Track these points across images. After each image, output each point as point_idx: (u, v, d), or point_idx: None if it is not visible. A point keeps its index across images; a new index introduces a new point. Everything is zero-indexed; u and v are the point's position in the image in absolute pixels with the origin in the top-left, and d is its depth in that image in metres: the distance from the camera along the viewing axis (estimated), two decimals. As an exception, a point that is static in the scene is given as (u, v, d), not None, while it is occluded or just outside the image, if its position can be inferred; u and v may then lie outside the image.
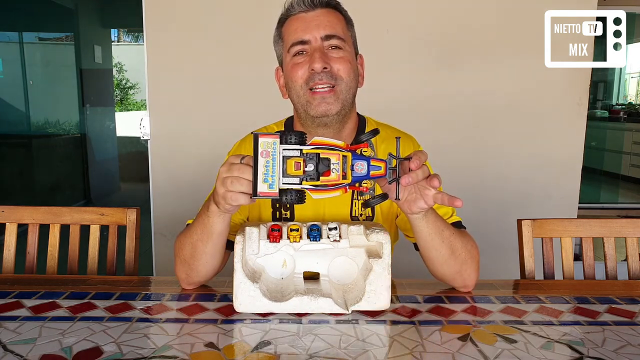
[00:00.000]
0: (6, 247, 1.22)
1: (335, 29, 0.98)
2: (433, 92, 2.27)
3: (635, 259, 1.21)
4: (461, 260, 0.94)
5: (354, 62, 1.01)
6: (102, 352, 0.73)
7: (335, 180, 0.75)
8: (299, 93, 0.99)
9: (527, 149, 2.31)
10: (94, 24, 5.33)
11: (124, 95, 9.91)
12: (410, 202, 0.83)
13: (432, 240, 0.91)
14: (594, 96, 6.08)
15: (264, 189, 0.73)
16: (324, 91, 0.96)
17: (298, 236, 0.88)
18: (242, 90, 2.21)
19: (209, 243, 0.91)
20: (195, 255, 0.94)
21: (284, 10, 1.01)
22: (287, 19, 1.01)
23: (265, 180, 0.73)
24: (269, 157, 0.73)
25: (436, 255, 0.93)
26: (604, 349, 0.76)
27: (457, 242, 0.93)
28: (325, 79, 0.96)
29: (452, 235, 0.92)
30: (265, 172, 0.73)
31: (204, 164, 2.13)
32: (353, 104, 1.04)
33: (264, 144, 0.73)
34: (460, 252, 0.94)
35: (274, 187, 0.73)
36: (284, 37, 1.01)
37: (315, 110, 0.98)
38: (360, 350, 0.74)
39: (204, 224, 0.90)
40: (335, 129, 1.02)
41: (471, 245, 0.97)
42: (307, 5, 0.98)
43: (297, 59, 0.98)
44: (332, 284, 0.91)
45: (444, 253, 0.92)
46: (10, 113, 4.55)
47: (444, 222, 0.93)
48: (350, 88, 0.99)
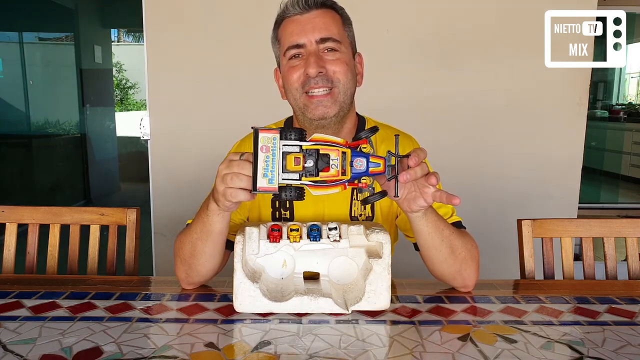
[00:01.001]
0: (6, 247, 1.22)
1: (330, 30, 0.97)
2: (433, 92, 2.27)
3: (635, 259, 1.21)
4: (461, 260, 0.94)
5: (351, 63, 1.01)
6: (102, 352, 0.73)
7: (334, 176, 0.75)
8: (295, 96, 0.99)
9: (527, 149, 2.31)
10: (94, 24, 5.33)
11: (124, 95, 9.91)
12: (410, 200, 0.83)
13: (432, 240, 0.91)
14: (594, 96, 6.08)
15: (264, 184, 0.73)
16: (320, 95, 0.97)
17: (298, 236, 0.88)
18: (242, 90, 2.21)
19: (208, 242, 0.91)
20: (194, 254, 0.93)
21: (280, 12, 1.01)
22: (282, 21, 1.01)
23: (264, 175, 0.72)
24: (269, 152, 0.73)
25: (436, 255, 0.93)
26: (604, 349, 0.76)
27: (457, 241, 0.93)
28: (321, 82, 0.96)
29: (452, 234, 0.92)
30: (265, 167, 0.73)
31: (204, 164, 2.13)
32: (351, 104, 1.04)
33: (264, 139, 0.73)
34: (460, 252, 0.94)
35: (274, 182, 0.73)
36: (280, 39, 1.01)
37: (312, 114, 0.98)
38: (360, 350, 0.74)
39: (203, 223, 0.90)
40: (334, 129, 1.02)
41: (471, 245, 0.97)
42: (301, 7, 0.97)
43: (293, 62, 0.98)
44: (332, 284, 0.91)
45: (443, 252, 0.92)
46: (10, 113, 4.54)
47: (444, 222, 0.92)
48: (348, 89, 0.99)
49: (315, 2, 0.98)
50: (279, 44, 1.02)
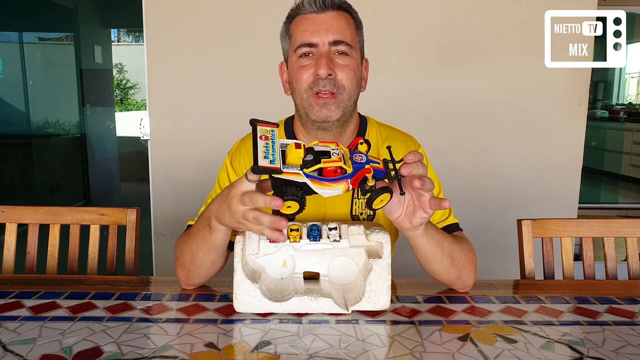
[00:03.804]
0: (6, 247, 1.22)
1: (344, 34, 0.97)
2: (433, 92, 2.27)
3: (635, 259, 1.21)
4: (461, 266, 0.95)
5: (358, 70, 1.01)
6: (102, 352, 0.73)
7: (336, 161, 0.74)
8: (302, 96, 0.99)
9: (527, 149, 2.31)
10: (94, 24, 5.33)
11: (124, 95, 9.91)
12: (410, 214, 0.82)
13: (434, 254, 0.91)
14: (594, 96, 6.08)
15: (265, 164, 0.71)
16: (325, 97, 0.97)
17: (298, 236, 0.88)
18: (242, 90, 2.21)
19: (210, 254, 0.92)
20: (195, 263, 0.94)
21: (294, 6, 1.00)
22: (296, 16, 1.00)
23: (266, 157, 0.71)
24: (268, 140, 0.73)
25: (437, 266, 0.94)
26: (604, 349, 0.76)
27: (456, 250, 0.94)
28: (328, 86, 0.96)
29: (451, 244, 0.93)
30: (265, 151, 0.72)
31: (204, 164, 2.13)
32: (354, 109, 1.04)
33: (263, 130, 0.73)
34: (460, 259, 0.94)
35: (275, 163, 0.71)
36: (292, 35, 1.00)
37: (316, 115, 0.98)
38: (360, 350, 0.74)
39: (205, 238, 0.89)
40: (336, 133, 1.02)
41: (469, 249, 0.98)
42: (318, 6, 0.97)
43: (303, 61, 0.98)
44: (332, 284, 0.91)
45: (444, 263, 0.93)
46: (10, 113, 4.54)
47: (443, 234, 0.93)
48: (352, 97, 1.00)
49: (333, 3, 0.97)
50: (290, 39, 1.01)
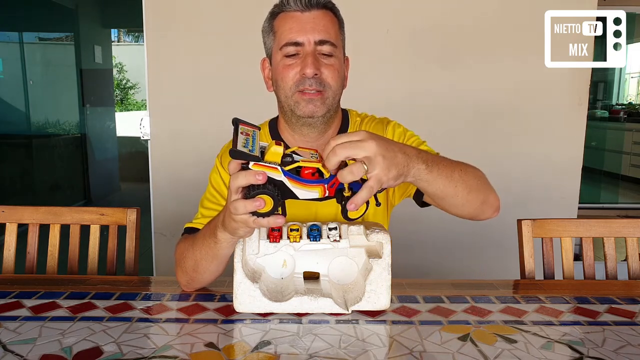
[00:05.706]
0: (6, 247, 1.22)
1: (329, 33, 0.98)
2: (433, 92, 2.27)
3: (635, 259, 1.21)
4: (482, 190, 0.89)
5: (342, 69, 1.02)
6: (102, 352, 0.73)
7: (315, 162, 0.74)
8: (287, 93, 1.00)
9: (527, 149, 2.31)
10: (94, 24, 5.33)
11: (124, 95, 9.91)
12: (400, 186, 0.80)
13: (446, 189, 0.83)
14: (594, 96, 6.08)
15: (244, 150, 0.71)
16: (312, 94, 0.98)
17: (298, 236, 0.88)
18: (242, 90, 2.21)
19: (213, 262, 0.91)
20: (198, 270, 0.94)
21: (279, 3, 1.00)
22: (280, 13, 1.00)
23: (245, 147, 0.71)
24: (249, 137, 0.73)
25: (458, 201, 0.87)
26: (604, 349, 0.76)
27: (469, 176, 0.86)
28: (314, 85, 0.97)
29: (461, 171, 0.85)
30: (245, 143, 0.72)
31: (204, 164, 2.13)
32: (338, 107, 1.06)
33: (244, 129, 0.74)
34: (474, 183, 0.87)
35: (254, 152, 0.71)
36: (277, 32, 1.00)
37: (302, 111, 0.99)
38: (360, 350, 0.74)
39: (209, 248, 0.89)
40: (320, 129, 1.03)
41: (474, 168, 0.91)
42: (303, 5, 0.97)
43: (289, 60, 0.98)
44: (332, 284, 0.91)
45: (462, 194, 0.85)
46: (10, 113, 4.54)
47: (448, 166, 0.83)
48: (336, 95, 1.01)
49: (318, 2, 0.98)
50: (275, 36, 1.01)
